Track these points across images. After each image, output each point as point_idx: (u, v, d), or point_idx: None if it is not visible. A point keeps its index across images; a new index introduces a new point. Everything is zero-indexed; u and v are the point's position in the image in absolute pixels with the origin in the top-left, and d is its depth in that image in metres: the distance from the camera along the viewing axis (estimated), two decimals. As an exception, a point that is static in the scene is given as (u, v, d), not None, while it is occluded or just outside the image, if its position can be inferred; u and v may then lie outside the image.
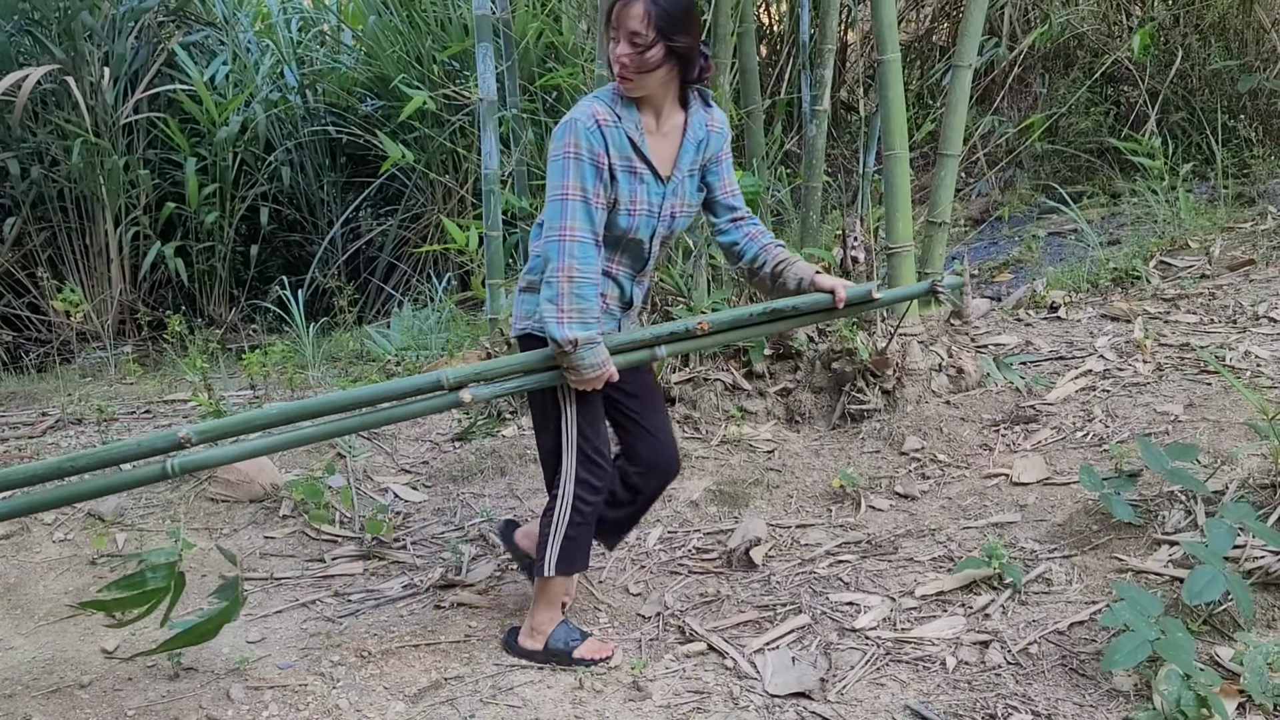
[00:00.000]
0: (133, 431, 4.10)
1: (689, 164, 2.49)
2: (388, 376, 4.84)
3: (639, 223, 2.44)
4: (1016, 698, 2.30)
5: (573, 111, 2.38)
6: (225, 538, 3.32)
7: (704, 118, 2.49)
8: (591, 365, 2.36)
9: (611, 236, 2.44)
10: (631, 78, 2.32)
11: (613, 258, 2.49)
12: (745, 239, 2.58)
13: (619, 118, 2.37)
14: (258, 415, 2.43)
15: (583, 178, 2.33)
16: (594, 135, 2.33)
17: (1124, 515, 2.81)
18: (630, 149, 2.38)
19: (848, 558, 3.04)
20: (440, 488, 3.68)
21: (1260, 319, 4.09)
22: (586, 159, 2.32)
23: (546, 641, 2.61)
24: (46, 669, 2.65)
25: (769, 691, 2.42)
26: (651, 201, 2.44)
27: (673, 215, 2.50)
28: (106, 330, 6.46)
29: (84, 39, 6.55)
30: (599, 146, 2.33)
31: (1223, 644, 2.36)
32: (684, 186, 2.50)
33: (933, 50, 7.64)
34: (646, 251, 2.52)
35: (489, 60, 4.37)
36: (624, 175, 2.39)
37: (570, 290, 2.32)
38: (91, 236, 6.74)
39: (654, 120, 2.43)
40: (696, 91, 2.47)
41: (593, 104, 2.37)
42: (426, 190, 6.94)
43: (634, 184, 2.40)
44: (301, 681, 2.55)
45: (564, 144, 2.34)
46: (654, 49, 2.28)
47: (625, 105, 2.38)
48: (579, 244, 2.33)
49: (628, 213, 2.41)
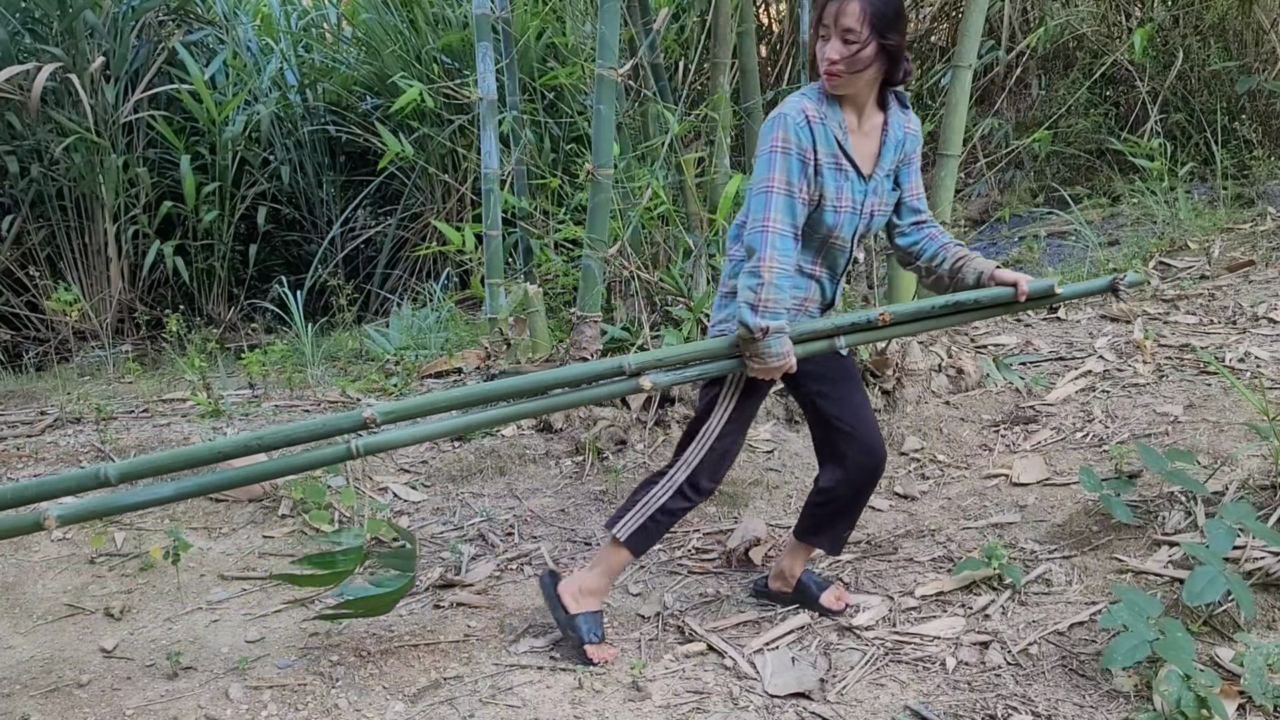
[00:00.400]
0: (131, 431, 4.09)
1: (889, 163, 2.50)
2: (386, 376, 4.84)
3: (843, 220, 2.46)
4: (1016, 698, 2.30)
5: (781, 107, 2.40)
6: (224, 537, 3.31)
7: (902, 119, 2.50)
8: (776, 355, 2.37)
9: (816, 236, 2.46)
10: (841, 76, 2.33)
11: (815, 260, 2.51)
12: (926, 239, 2.58)
13: (824, 115, 2.39)
14: (442, 398, 2.45)
15: (789, 172, 2.35)
16: (803, 131, 2.35)
17: (1123, 516, 2.81)
18: (836, 146, 2.40)
19: (847, 558, 3.04)
20: (439, 487, 3.67)
21: (1260, 320, 4.09)
22: (795, 153, 2.35)
23: (577, 617, 2.61)
24: (45, 668, 2.64)
25: (769, 692, 2.41)
26: (855, 199, 2.46)
27: (872, 214, 2.51)
28: (105, 329, 6.46)
29: (85, 37, 6.54)
30: (807, 142, 2.36)
31: (1223, 645, 2.36)
32: (883, 185, 2.51)
33: (932, 51, 7.64)
34: (848, 250, 2.54)
35: (489, 59, 4.37)
36: (830, 172, 2.41)
37: (770, 280, 2.34)
38: (90, 235, 6.74)
39: (856, 119, 2.44)
40: (894, 94, 2.48)
41: (801, 100, 2.39)
42: (426, 190, 6.94)
43: (840, 181, 2.42)
44: (300, 681, 2.55)
45: (772, 138, 2.36)
46: (868, 47, 2.30)
47: (830, 104, 2.40)
48: (780, 236, 2.35)
49: (833, 209, 2.43)
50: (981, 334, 4.44)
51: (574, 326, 4.01)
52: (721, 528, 3.30)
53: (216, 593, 3.00)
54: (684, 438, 2.60)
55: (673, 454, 2.62)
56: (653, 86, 4.38)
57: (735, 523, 3.29)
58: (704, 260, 4.17)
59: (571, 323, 4.10)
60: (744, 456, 3.69)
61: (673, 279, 4.17)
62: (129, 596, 2.98)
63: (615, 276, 4.22)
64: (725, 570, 3.04)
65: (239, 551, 3.23)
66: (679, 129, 4.14)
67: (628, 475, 3.62)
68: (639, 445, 3.78)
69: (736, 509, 3.42)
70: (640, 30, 4.31)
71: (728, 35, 4.32)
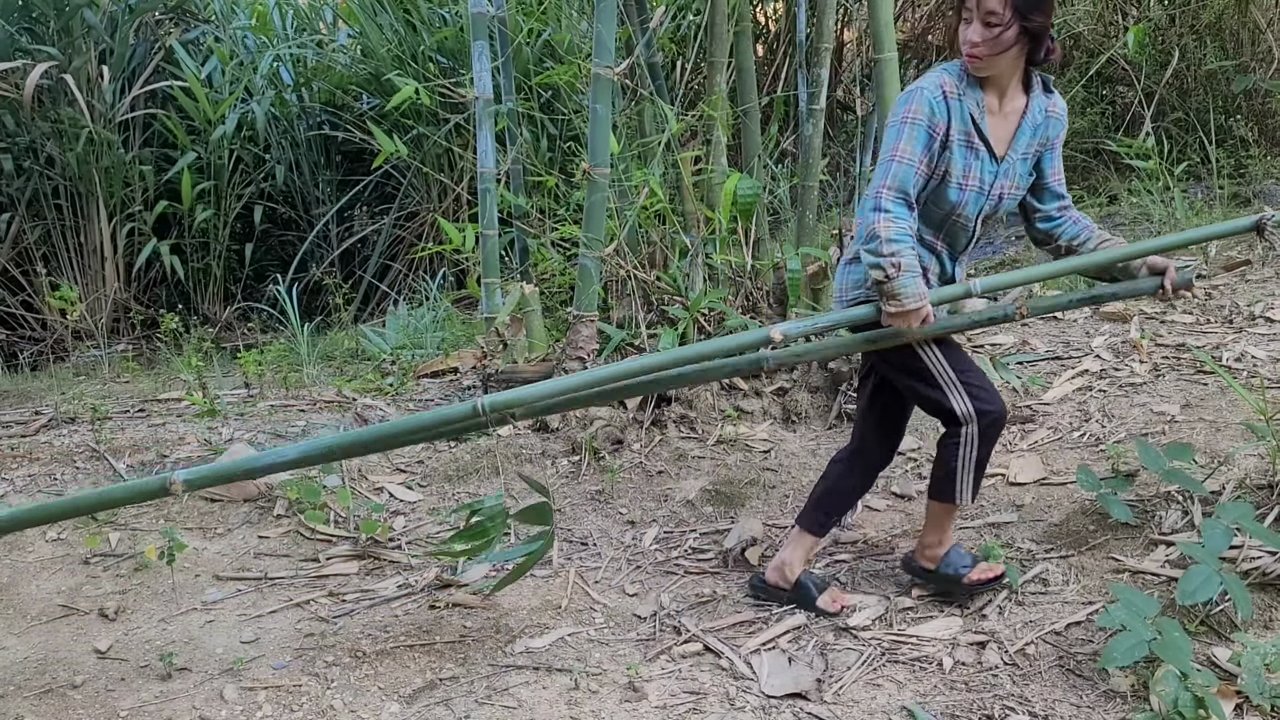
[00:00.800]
0: (126, 431, 4.08)
1: (1024, 147, 2.50)
2: (383, 376, 4.83)
3: (968, 199, 2.48)
4: (1013, 698, 2.30)
5: (920, 80, 2.43)
6: (219, 537, 3.30)
7: (1044, 103, 2.51)
8: (912, 295, 2.38)
9: (939, 212, 2.49)
10: (983, 58, 2.34)
11: (937, 235, 2.54)
12: (1068, 222, 2.60)
13: (963, 93, 2.41)
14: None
15: (914, 142, 2.39)
16: (938, 105, 2.39)
17: (1121, 515, 2.81)
18: (971, 124, 2.42)
19: (844, 558, 3.03)
20: (436, 487, 3.67)
21: (1256, 319, 4.09)
22: (924, 125, 2.38)
23: (795, 587, 2.75)
24: (39, 669, 2.63)
25: (765, 692, 2.41)
26: (983, 179, 2.47)
27: (1000, 196, 2.52)
28: (100, 329, 6.44)
29: (83, 36, 6.53)
30: (940, 117, 2.39)
31: (1220, 645, 2.36)
32: (1016, 169, 2.52)
33: (929, 50, 7.64)
34: (971, 229, 2.55)
35: (485, 58, 4.36)
36: (961, 149, 2.43)
37: (887, 236, 2.36)
38: (86, 234, 6.72)
39: (996, 100, 2.46)
40: (1039, 77, 2.49)
41: (942, 75, 2.42)
42: (422, 189, 6.93)
43: (969, 159, 2.44)
44: (295, 682, 2.54)
45: (905, 109, 2.40)
46: (1010, 29, 2.31)
47: (970, 83, 2.42)
48: (893, 202, 2.39)
49: (959, 186, 2.45)
50: (978, 333, 4.44)
51: (571, 326, 4.01)
52: (718, 528, 3.29)
53: (211, 593, 2.99)
54: (933, 406, 2.57)
55: (945, 427, 2.58)
56: (649, 85, 4.38)
57: (732, 523, 3.29)
58: (701, 260, 4.16)
59: (568, 322, 4.09)
60: (740, 456, 3.68)
61: (670, 278, 4.16)
62: (123, 597, 2.97)
63: (612, 276, 4.21)
64: (722, 570, 3.04)
65: (234, 552, 3.22)
66: (676, 128, 4.13)
67: (624, 475, 3.62)
68: (635, 445, 3.77)
69: (733, 509, 3.41)
70: (637, 29, 4.30)
71: (724, 34, 4.31)
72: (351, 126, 6.88)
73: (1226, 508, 2.52)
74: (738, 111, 4.52)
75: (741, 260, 4.20)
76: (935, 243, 2.56)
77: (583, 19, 5.68)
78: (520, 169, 5.12)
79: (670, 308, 4.10)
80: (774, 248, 4.50)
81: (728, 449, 3.74)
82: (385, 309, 6.44)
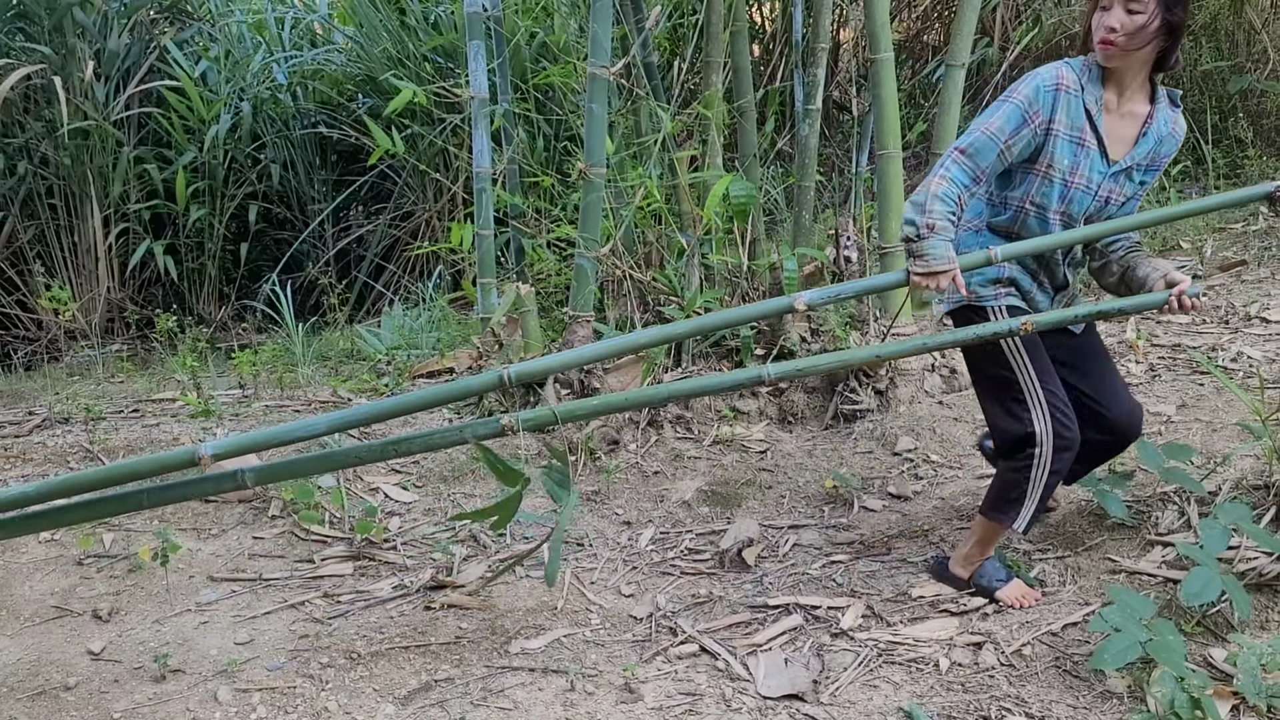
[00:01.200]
0: (120, 432, 4.07)
1: (1143, 155, 2.47)
2: (378, 376, 4.82)
3: (1074, 196, 2.46)
4: (1010, 699, 2.29)
5: (1042, 68, 2.41)
6: (213, 538, 3.29)
7: (1169, 117, 2.47)
8: (938, 257, 2.36)
9: (1046, 211, 2.47)
10: (1117, 46, 2.31)
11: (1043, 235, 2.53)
12: (1124, 237, 2.58)
13: (1082, 88, 2.39)
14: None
15: (1006, 120, 2.38)
16: (1046, 95, 2.38)
17: (1118, 512, 2.81)
18: (1085, 120, 2.40)
19: (840, 558, 3.03)
20: (431, 488, 3.66)
21: (1252, 319, 4.09)
22: (1021, 109, 2.37)
23: (972, 577, 2.70)
24: (32, 671, 2.62)
25: (761, 693, 2.40)
26: (1091, 179, 2.45)
27: (1107, 199, 2.49)
28: (95, 328, 6.42)
29: (75, 35, 6.50)
30: (1040, 106, 2.37)
31: (1216, 645, 2.36)
32: (1126, 174, 2.48)
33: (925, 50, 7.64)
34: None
35: (480, 58, 4.35)
36: (1070, 145, 2.41)
37: (935, 193, 2.37)
38: (80, 234, 6.70)
39: (1115, 99, 2.43)
40: (1166, 91, 2.45)
41: (1061, 68, 2.40)
42: (418, 189, 6.91)
43: (1078, 156, 2.42)
44: (290, 683, 2.53)
45: (1014, 90, 2.40)
46: (1154, 21, 2.27)
47: (1093, 78, 2.40)
48: (961, 167, 2.39)
49: (1064, 182, 2.44)
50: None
51: (566, 326, 4.00)
52: (714, 528, 3.29)
53: (205, 594, 2.98)
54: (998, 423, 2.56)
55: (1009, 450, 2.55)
56: (645, 85, 4.37)
57: (728, 523, 3.28)
58: (697, 260, 4.15)
59: (564, 322, 4.08)
60: (737, 456, 3.68)
61: (666, 278, 4.16)
62: (117, 598, 2.96)
63: (608, 276, 4.21)
64: (718, 571, 3.03)
65: (228, 553, 3.21)
66: (672, 127, 4.13)
67: (621, 475, 3.61)
68: (631, 445, 3.76)
69: (729, 510, 3.41)
70: (633, 29, 4.30)
71: (720, 34, 4.31)
72: (347, 126, 6.87)
73: (1224, 508, 2.52)
74: (733, 111, 4.52)
75: (738, 260, 4.20)
76: (1034, 267, 2.55)
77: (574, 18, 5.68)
78: (516, 169, 5.11)
79: (666, 308, 4.09)
80: (770, 248, 4.50)
81: (724, 449, 3.73)
82: (381, 309, 6.42)
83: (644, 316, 4.11)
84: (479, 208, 4.45)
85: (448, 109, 6.05)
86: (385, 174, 6.98)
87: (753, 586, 2.92)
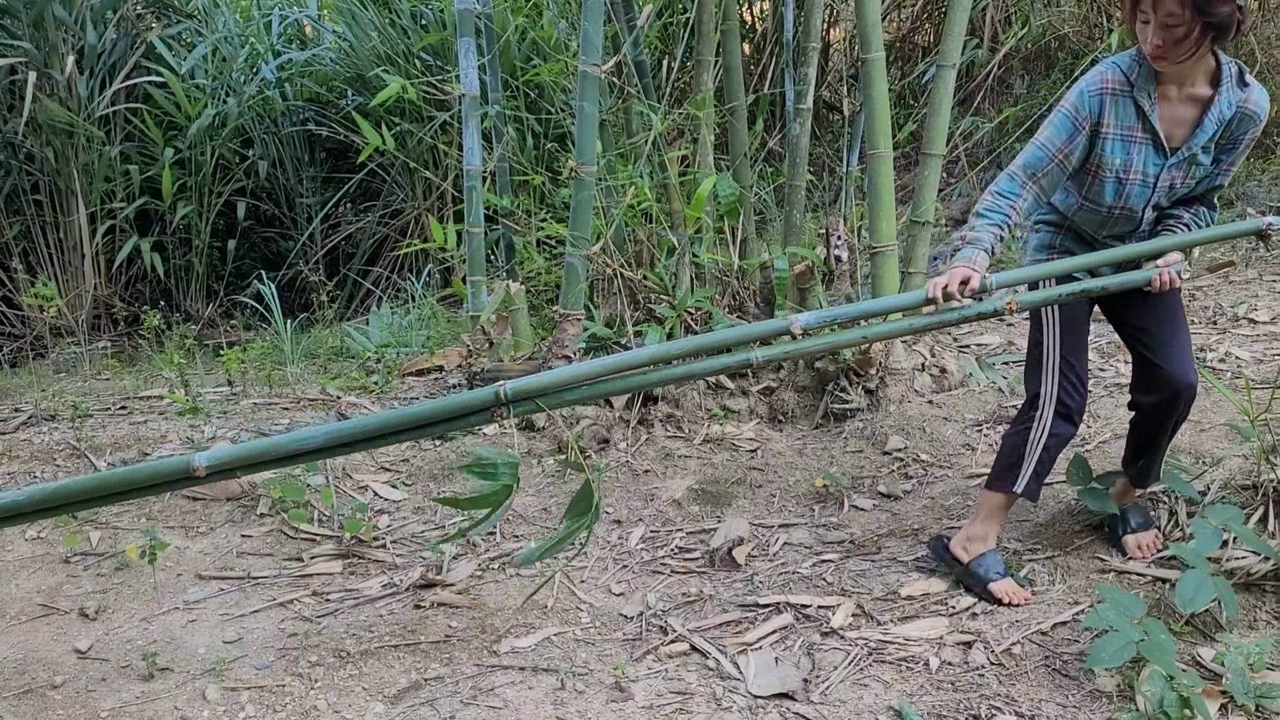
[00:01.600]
0: (107, 429, 4.04)
1: (1204, 141, 2.45)
2: (367, 374, 4.80)
3: (1130, 191, 2.49)
4: (1000, 698, 2.30)
5: (1087, 74, 2.46)
6: (201, 536, 3.27)
7: (1236, 96, 2.42)
8: (960, 259, 2.47)
9: (1102, 208, 2.53)
10: (1166, 59, 2.33)
11: (1100, 229, 2.60)
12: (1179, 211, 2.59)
13: (1132, 85, 2.41)
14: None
15: (1056, 130, 2.46)
16: (1092, 101, 2.42)
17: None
18: (1135, 118, 2.42)
19: (831, 558, 3.03)
20: (420, 486, 3.64)
21: (1240, 320, 4.11)
22: (1070, 117, 2.43)
23: (970, 563, 2.72)
24: (18, 669, 2.60)
25: (752, 692, 2.40)
26: (1148, 172, 2.47)
27: (1171, 185, 2.51)
28: (81, 325, 6.38)
29: (56, 30, 6.45)
30: (1086, 112, 2.42)
31: (1204, 645, 2.37)
32: (1189, 161, 2.48)
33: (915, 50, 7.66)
34: (1139, 219, 2.57)
35: (471, 55, 4.34)
36: (1121, 144, 2.44)
37: (979, 209, 2.52)
38: (66, 230, 6.66)
39: (1175, 89, 2.43)
40: (1232, 68, 2.42)
41: (1107, 70, 2.43)
42: (407, 186, 6.89)
43: (1131, 153, 2.45)
44: (279, 682, 2.52)
45: (1063, 100, 2.48)
46: (1193, 30, 2.26)
47: (1144, 74, 2.41)
48: (1009, 178, 2.51)
49: (1117, 180, 2.47)
50: (964, 333, 4.45)
51: (557, 324, 3.99)
52: (704, 527, 3.29)
53: (193, 592, 2.96)
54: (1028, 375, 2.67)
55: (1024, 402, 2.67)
56: (636, 84, 4.36)
57: (718, 522, 3.28)
58: (688, 258, 4.15)
59: (554, 321, 4.07)
60: (727, 455, 3.68)
61: (656, 277, 4.15)
62: (104, 596, 2.94)
63: (598, 274, 4.20)
64: (708, 570, 3.03)
65: (216, 551, 3.19)
66: (662, 126, 4.12)
67: (611, 474, 3.61)
68: (622, 444, 3.76)
69: (719, 508, 3.41)
70: (624, 27, 4.29)
71: (711, 33, 4.31)
72: (336, 123, 6.84)
73: (1215, 509, 2.53)
74: (724, 111, 4.51)
75: (728, 259, 4.20)
76: (1097, 236, 2.62)
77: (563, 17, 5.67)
78: (506, 167, 5.10)
79: (657, 306, 4.09)
80: (761, 247, 4.50)
81: (714, 448, 3.73)
82: (370, 307, 6.41)
83: (634, 314, 4.10)
84: (469, 205, 4.44)
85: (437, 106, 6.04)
86: (374, 171, 6.96)
87: (743, 585, 2.92)
